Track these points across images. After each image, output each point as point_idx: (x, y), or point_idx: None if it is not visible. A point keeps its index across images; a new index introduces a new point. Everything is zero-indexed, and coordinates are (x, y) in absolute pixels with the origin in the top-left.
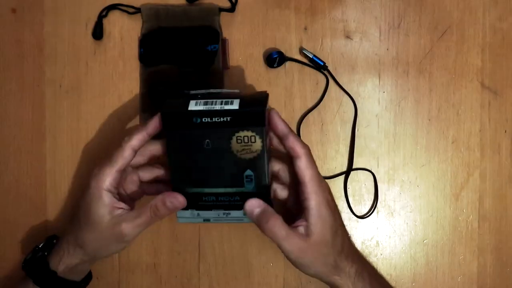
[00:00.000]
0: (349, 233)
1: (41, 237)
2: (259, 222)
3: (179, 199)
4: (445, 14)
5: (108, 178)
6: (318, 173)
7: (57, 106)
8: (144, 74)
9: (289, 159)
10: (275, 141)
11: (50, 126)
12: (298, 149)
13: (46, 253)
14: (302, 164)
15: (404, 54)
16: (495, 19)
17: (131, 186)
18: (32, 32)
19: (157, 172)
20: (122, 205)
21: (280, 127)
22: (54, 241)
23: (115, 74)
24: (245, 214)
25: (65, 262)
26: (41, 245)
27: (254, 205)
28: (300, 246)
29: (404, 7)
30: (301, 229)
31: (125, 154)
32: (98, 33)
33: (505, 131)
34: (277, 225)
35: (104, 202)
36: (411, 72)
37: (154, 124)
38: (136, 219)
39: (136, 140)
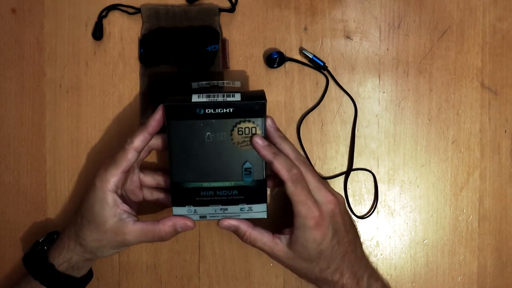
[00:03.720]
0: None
1: (41, 237)
2: (238, 235)
3: (189, 224)
4: (445, 14)
5: (113, 179)
6: (307, 195)
7: (57, 106)
8: (144, 74)
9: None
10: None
11: (50, 126)
12: (284, 175)
13: (45, 247)
14: (288, 189)
15: (404, 54)
16: (495, 19)
17: (132, 187)
18: (32, 32)
19: (158, 179)
20: (126, 207)
21: (263, 154)
22: (55, 236)
23: (115, 74)
24: (241, 209)
25: (64, 257)
26: (42, 239)
27: (226, 225)
28: (279, 254)
29: (404, 7)
30: (284, 239)
31: (129, 156)
32: (98, 33)
33: (505, 131)
34: (256, 239)
35: (109, 204)
36: (411, 72)
37: (154, 123)
38: (139, 236)
39: (138, 142)
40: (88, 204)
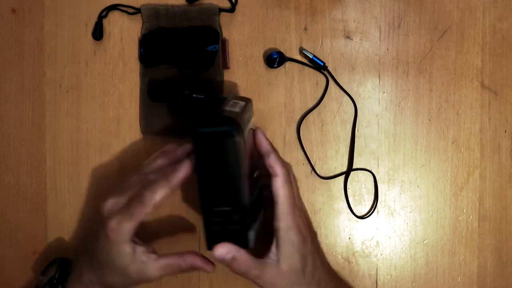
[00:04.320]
0: (323, 259)
1: (41, 237)
2: (231, 268)
3: (209, 267)
4: (445, 14)
5: (129, 232)
6: (293, 196)
7: (57, 106)
8: (144, 75)
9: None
10: None
11: (50, 126)
12: (277, 169)
13: (64, 283)
14: (278, 183)
15: (404, 54)
16: (495, 19)
17: None
18: (32, 32)
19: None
20: (142, 248)
21: (264, 144)
22: (68, 267)
23: (115, 74)
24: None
25: None
26: (57, 275)
27: (223, 252)
28: (273, 277)
29: (404, 7)
30: (272, 256)
31: (146, 211)
32: (98, 33)
33: (505, 131)
34: (250, 267)
35: (128, 253)
36: (411, 72)
37: (178, 179)
38: (160, 271)
39: (159, 196)
40: (105, 254)
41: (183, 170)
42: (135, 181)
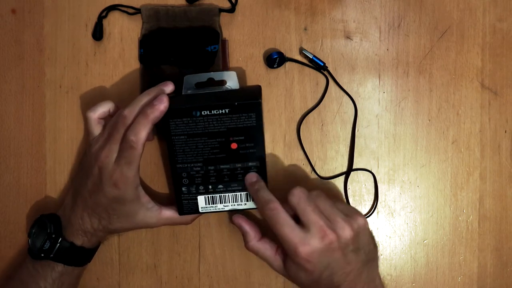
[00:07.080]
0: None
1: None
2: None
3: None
4: (445, 14)
5: (135, 178)
6: (283, 232)
7: (57, 107)
8: (144, 75)
9: None
10: None
11: (50, 126)
12: (259, 210)
13: (63, 234)
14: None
15: (404, 54)
16: (495, 19)
17: None
18: (32, 32)
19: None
20: (147, 198)
21: (248, 191)
22: (58, 219)
23: (115, 74)
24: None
25: (91, 241)
26: (52, 229)
27: (241, 223)
28: (276, 269)
29: (404, 7)
30: (283, 258)
31: (140, 152)
32: (98, 33)
33: (505, 131)
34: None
35: (137, 199)
36: (411, 72)
37: (158, 113)
38: (166, 222)
39: (144, 135)
40: (113, 204)
41: (163, 104)
42: (115, 124)
